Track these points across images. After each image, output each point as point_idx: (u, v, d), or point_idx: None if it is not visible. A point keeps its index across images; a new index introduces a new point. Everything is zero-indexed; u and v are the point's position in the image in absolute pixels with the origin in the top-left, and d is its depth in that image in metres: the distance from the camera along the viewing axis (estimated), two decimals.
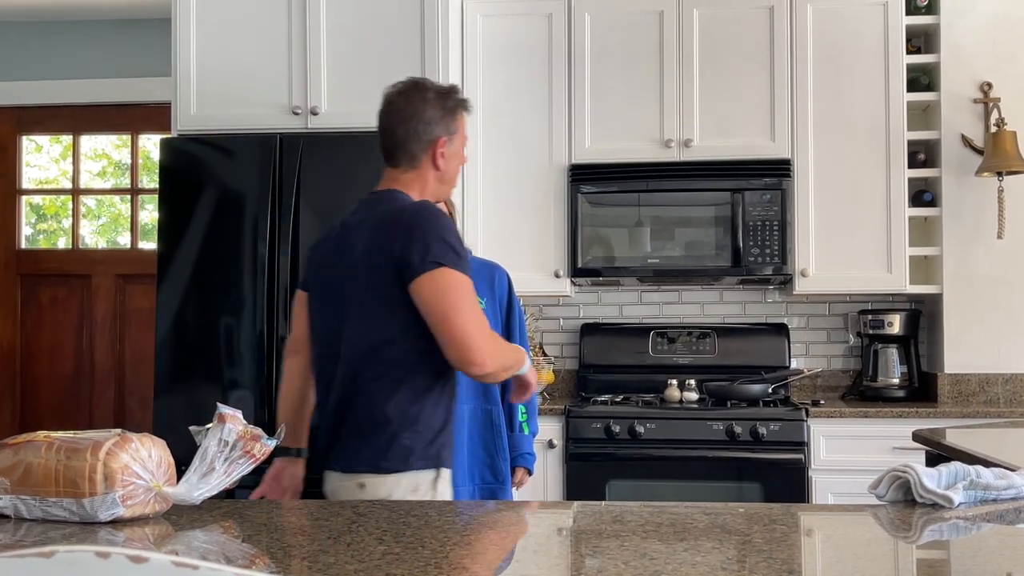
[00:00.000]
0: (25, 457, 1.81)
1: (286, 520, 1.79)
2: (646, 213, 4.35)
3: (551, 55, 4.46)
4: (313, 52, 4.17)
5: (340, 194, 3.93)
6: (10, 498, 1.81)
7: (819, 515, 1.91)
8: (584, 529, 1.71)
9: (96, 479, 1.74)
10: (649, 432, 4.03)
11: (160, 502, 1.80)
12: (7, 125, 5.29)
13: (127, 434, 1.81)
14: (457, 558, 1.51)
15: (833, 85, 4.36)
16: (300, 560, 1.48)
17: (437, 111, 2.48)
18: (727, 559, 1.48)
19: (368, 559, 1.49)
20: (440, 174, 2.50)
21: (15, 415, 5.22)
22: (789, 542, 1.60)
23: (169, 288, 4.01)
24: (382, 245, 2.33)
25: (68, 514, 1.77)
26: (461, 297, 2.27)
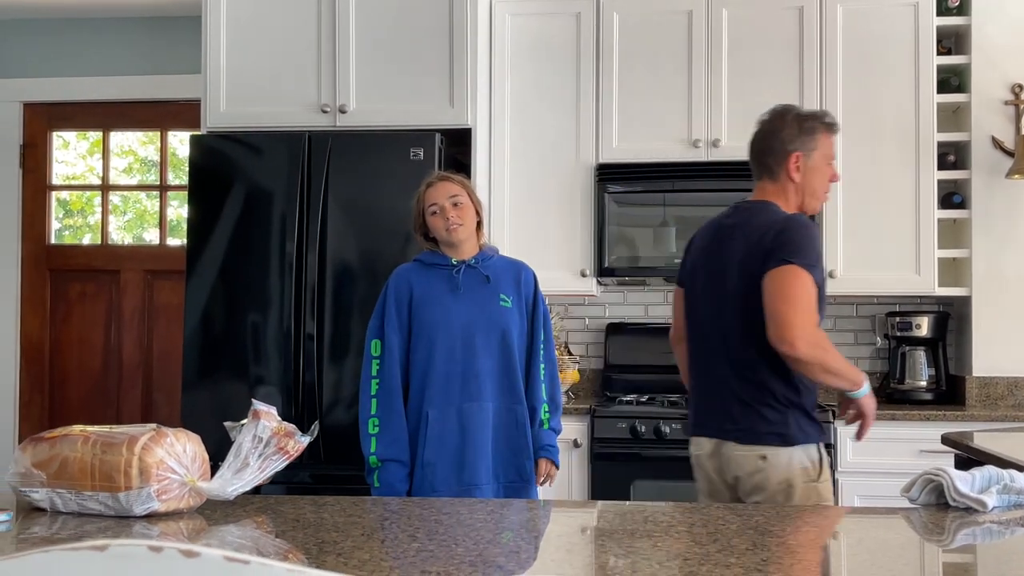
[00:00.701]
0: (61, 451, 1.82)
1: (319, 516, 1.80)
2: (673, 213, 4.34)
3: (579, 54, 4.46)
4: (342, 50, 4.19)
5: (368, 192, 3.94)
6: (46, 491, 1.83)
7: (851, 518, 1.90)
8: (616, 529, 1.72)
9: (132, 473, 1.76)
10: (675, 432, 4.02)
11: (194, 497, 1.82)
12: (38, 121, 5.33)
13: (162, 429, 1.82)
14: (491, 556, 1.52)
15: (863, 86, 4.33)
16: (335, 556, 1.49)
17: (793, 129, 2.79)
18: (761, 561, 1.47)
19: (403, 556, 1.50)
20: (798, 186, 2.79)
21: (43, 409, 5.26)
22: (822, 544, 1.60)
23: (197, 284, 4.03)
24: (757, 249, 2.67)
25: (104, 508, 1.79)
26: (797, 290, 2.57)
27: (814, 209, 2.86)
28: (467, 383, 3.04)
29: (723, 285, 2.75)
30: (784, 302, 2.55)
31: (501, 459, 3.08)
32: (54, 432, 1.88)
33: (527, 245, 4.36)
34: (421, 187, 3.18)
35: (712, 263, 2.81)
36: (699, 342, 2.88)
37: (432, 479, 3.01)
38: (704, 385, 2.87)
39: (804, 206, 2.81)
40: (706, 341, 2.83)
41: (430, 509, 1.87)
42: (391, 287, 3.13)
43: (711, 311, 2.80)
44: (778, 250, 2.59)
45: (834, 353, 2.65)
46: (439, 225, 3.08)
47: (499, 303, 3.10)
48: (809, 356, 2.56)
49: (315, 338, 3.92)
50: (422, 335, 3.06)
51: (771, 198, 2.79)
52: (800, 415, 2.68)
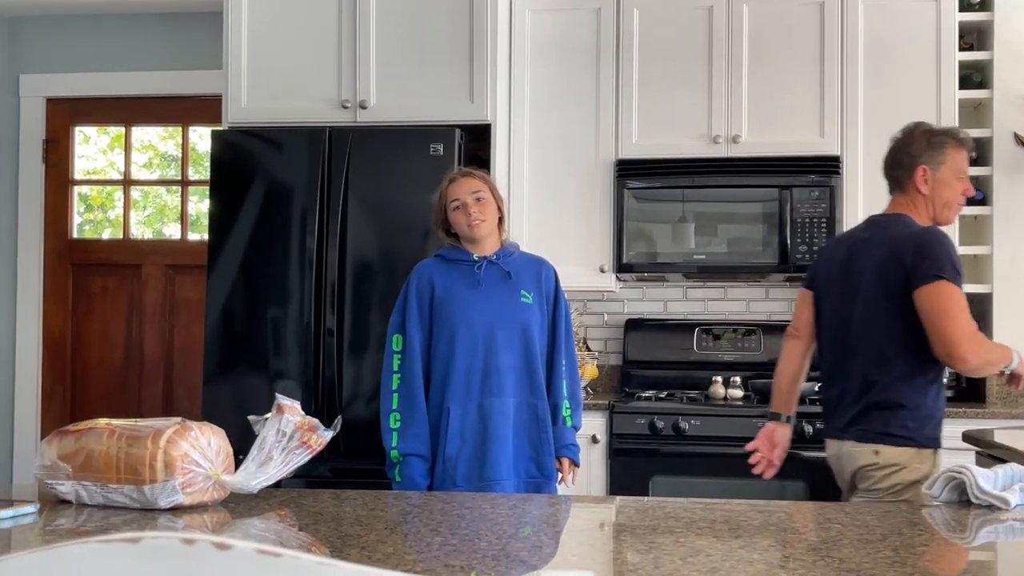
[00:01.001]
0: (87, 444, 1.84)
1: (341, 510, 1.81)
2: (691, 209, 4.34)
3: (599, 50, 4.46)
4: (363, 46, 4.20)
5: (388, 188, 3.95)
6: (72, 484, 1.85)
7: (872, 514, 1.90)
8: (637, 525, 1.72)
9: (156, 466, 1.77)
10: (693, 428, 4.02)
11: (218, 490, 1.83)
12: (61, 116, 5.36)
13: (187, 423, 1.83)
14: (514, 551, 1.53)
15: (884, 81, 4.32)
16: (359, 549, 1.50)
17: (922, 144, 2.97)
18: (784, 557, 1.48)
19: (426, 550, 1.51)
20: (927, 199, 2.95)
21: (65, 403, 5.30)
22: (845, 541, 1.60)
23: (219, 279, 4.05)
24: (896, 260, 2.83)
25: (129, 500, 1.80)
26: (953, 304, 2.74)
27: (947, 220, 3.00)
28: (488, 379, 3.05)
29: (858, 294, 2.93)
30: (945, 319, 2.73)
31: (522, 455, 3.09)
32: (80, 425, 1.90)
33: (546, 241, 4.36)
34: (443, 182, 3.18)
35: (847, 274, 2.99)
36: (831, 349, 3.06)
37: (453, 474, 3.02)
38: (835, 388, 3.03)
39: (937, 218, 2.96)
40: (838, 348, 3.01)
41: (452, 503, 1.88)
42: (412, 282, 3.14)
43: (844, 320, 2.98)
44: (923, 267, 2.76)
45: (990, 346, 2.88)
46: (461, 221, 3.09)
47: (520, 299, 3.11)
48: (977, 363, 2.79)
49: (335, 333, 3.94)
50: (443, 331, 3.07)
51: (903, 211, 2.96)
52: (923, 418, 2.86)
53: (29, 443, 5.24)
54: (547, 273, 3.22)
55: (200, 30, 5.14)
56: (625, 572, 1.38)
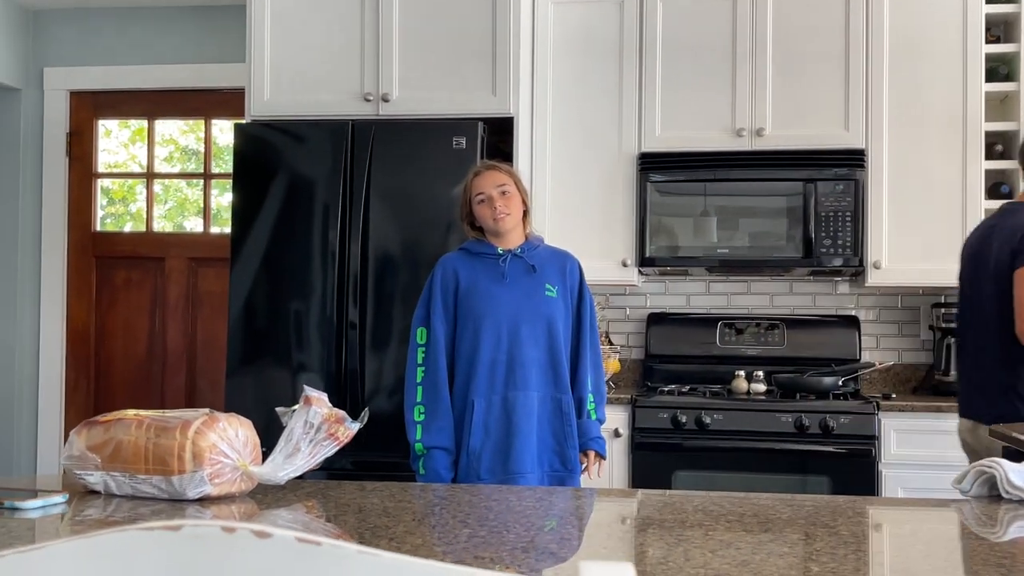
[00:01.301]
0: (116, 435, 1.85)
1: (369, 501, 1.81)
2: (715, 203, 4.32)
3: (622, 43, 4.44)
4: (385, 39, 4.19)
5: (411, 181, 3.95)
6: (101, 474, 1.85)
7: (902, 509, 1.89)
8: (666, 518, 1.71)
9: (185, 457, 1.77)
10: (716, 423, 4.01)
11: (246, 481, 1.83)
12: (85, 109, 5.39)
13: (215, 414, 1.84)
14: (543, 543, 1.52)
15: (909, 74, 4.29)
16: (387, 541, 1.50)
17: None
18: (815, 551, 1.47)
19: (455, 542, 1.51)
20: None
21: (89, 394, 5.32)
22: (877, 536, 1.59)
23: (241, 272, 4.06)
24: (1008, 247, 3.14)
25: (157, 491, 1.81)
26: None
27: None
28: (512, 372, 3.04)
29: (983, 282, 3.23)
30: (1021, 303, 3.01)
31: (546, 448, 3.09)
32: (108, 416, 1.91)
33: (568, 234, 4.35)
34: (468, 176, 3.18)
35: (976, 261, 3.30)
36: (964, 334, 3.38)
37: (477, 467, 3.02)
38: (968, 371, 3.35)
39: None
40: (969, 333, 3.33)
41: (479, 496, 1.88)
42: (437, 275, 3.14)
43: (974, 306, 3.29)
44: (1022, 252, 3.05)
45: None
46: (486, 214, 3.09)
47: (545, 293, 3.11)
48: None
49: (357, 326, 3.94)
50: (468, 324, 3.07)
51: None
52: None
53: (53, 434, 5.28)
54: (572, 266, 3.22)
55: (223, 23, 5.15)
56: (656, 565, 1.37)
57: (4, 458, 5.26)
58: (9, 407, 5.28)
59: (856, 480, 3.90)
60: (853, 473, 3.91)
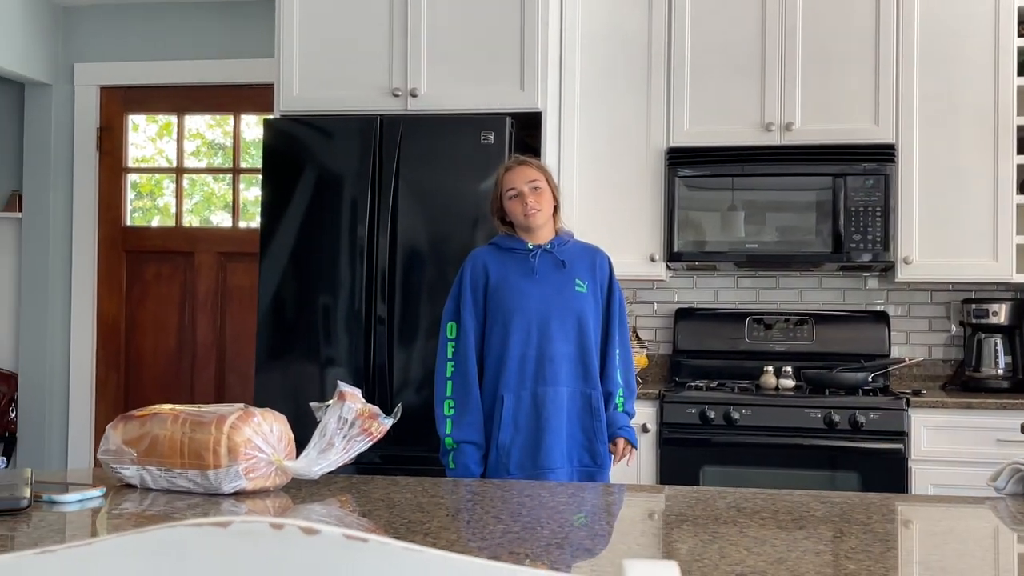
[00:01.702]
0: (151, 429, 1.86)
1: (402, 496, 1.82)
2: (743, 197, 4.30)
3: (651, 37, 4.43)
4: (413, 34, 4.20)
5: (439, 176, 3.96)
6: (136, 468, 1.87)
7: (936, 507, 1.88)
8: (699, 515, 1.71)
9: (220, 452, 1.79)
10: (745, 419, 4.00)
11: (280, 475, 1.85)
12: (115, 105, 5.42)
13: (250, 408, 1.85)
14: (577, 538, 1.53)
15: (940, 68, 4.26)
16: (422, 536, 1.50)
17: None
18: (851, 548, 1.46)
19: (489, 537, 1.51)
20: None
21: (120, 388, 5.37)
22: (911, 533, 1.58)
23: (271, 266, 4.08)
24: None
25: (192, 485, 1.82)
26: None
27: None
28: (542, 367, 3.05)
29: None
30: None
31: (575, 443, 3.10)
32: (144, 410, 1.92)
33: (596, 229, 4.35)
34: (500, 171, 3.18)
35: None
36: None
37: (507, 462, 3.03)
38: None
39: None
40: None
41: (510, 491, 1.88)
42: (467, 270, 3.14)
43: None
44: None
45: None
46: (517, 209, 3.09)
47: (575, 288, 3.11)
48: None
49: (386, 321, 3.96)
50: (498, 319, 3.08)
51: None
52: None
53: (84, 428, 5.32)
54: (601, 262, 3.22)
55: (252, 19, 5.17)
56: (691, 562, 1.37)
57: (35, 452, 5.31)
58: (40, 401, 5.33)
59: (886, 477, 3.88)
60: (882, 469, 3.89)
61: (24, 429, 5.34)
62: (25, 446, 5.33)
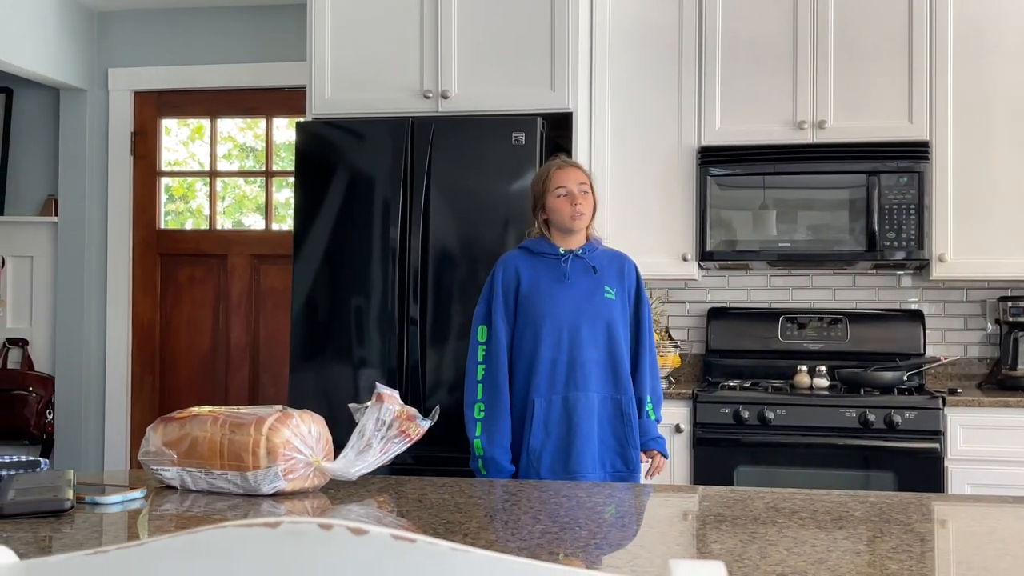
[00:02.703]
0: (191, 431, 1.88)
1: (440, 497, 1.82)
2: (775, 196, 4.29)
3: (681, 36, 4.42)
4: (444, 36, 4.21)
5: (470, 177, 3.97)
6: (177, 470, 1.89)
7: (977, 506, 1.86)
8: (738, 515, 1.71)
9: (259, 453, 1.80)
10: (779, 418, 3.98)
11: (319, 476, 1.86)
12: (148, 109, 5.47)
13: (288, 410, 1.86)
14: (616, 539, 1.53)
15: (974, 65, 4.22)
16: (461, 537, 1.51)
17: None
18: (892, 549, 1.46)
19: (528, 537, 1.52)
20: None
21: (155, 390, 5.41)
22: (951, 533, 1.57)
23: (304, 268, 4.10)
24: None
25: (232, 486, 1.84)
26: None
27: None
28: (573, 373, 3.05)
29: None
30: None
31: (607, 448, 3.10)
32: (184, 412, 1.94)
33: (628, 229, 4.35)
34: (548, 168, 3.18)
35: None
36: None
37: (538, 467, 3.04)
38: None
39: None
40: None
41: (548, 491, 1.89)
42: (499, 273, 3.14)
43: None
44: None
45: None
46: (565, 209, 3.08)
47: (604, 294, 3.11)
48: None
49: (418, 322, 3.97)
50: (529, 324, 3.08)
51: None
52: None
53: (120, 430, 5.37)
54: (629, 268, 3.22)
55: (284, 22, 5.20)
56: (732, 563, 1.37)
57: (72, 453, 5.36)
58: (77, 403, 5.38)
59: (921, 476, 3.85)
60: (918, 469, 3.86)
61: (61, 431, 5.39)
62: (62, 448, 5.39)
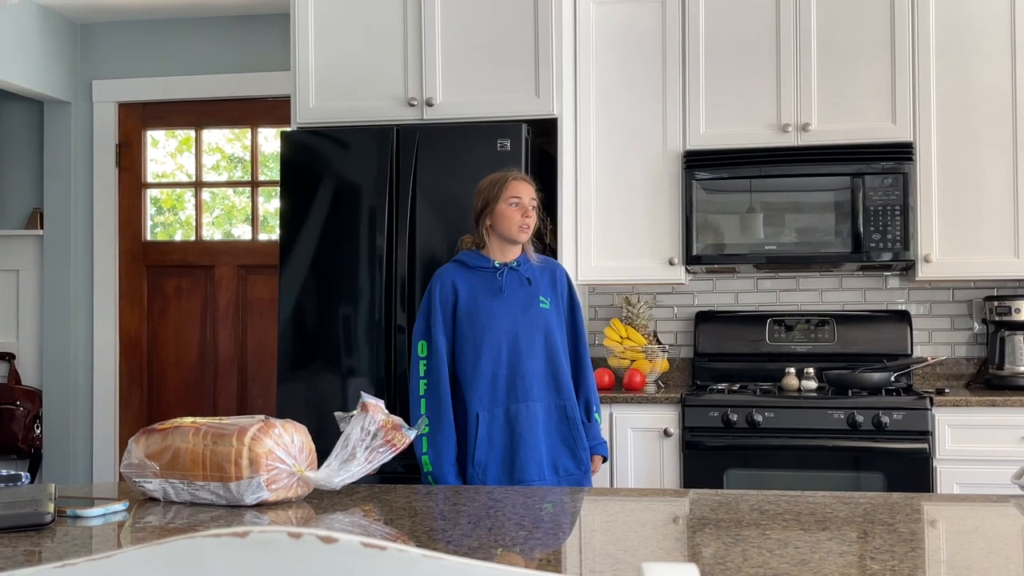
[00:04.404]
0: (173, 442, 1.87)
1: (424, 505, 1.82)
2: (761, 199, 4.29)
3: (665, 41, 4.43)
4: (428, 43, 4.21)
5: (456, 184, 3.96)
6: (159, 481, 1.88)
7: (960, 505, 1.86)
8: (722, 518, 1.71)
9: (242, 463, 1.79)
10: (768, 421, 3.98)
11: (302, 486, 1.85)
12: (133, 120, 5.46)
13: (270, 420, 1.86)
14: (600, 544, 1.52)
15: (957, 65, 4.23)
16: (444, 544, 1.50)
17: None
18: (874, 549, 1.46)
19: (511, 543, 1.51)
20: None
21: (143, 402, 5.40)
22: (935, 532, 1.57)
23: (290, 278, 4.09)
24: None
25: (215, 497, 1.83)
26: None
27: None
28: (513, 385, 3.10)
29: None
30: None
31: (558, 454, 3.17)
32: (166, 424, 1.93)
33: (614, 234, 4.35)
34: (505, 176, 3.22)
35: None
36: None
37: (483, 477, 3.08)
38: None
39: None
40: None
41: (533, 497, 1.88)
42: (436, 289, 3.18)
43: None
44: None
45: None
46: (514, 218, 3.13)
47: (539, 305, 3.16)
48: None
49: (406, 330, 3.96)
50: (468, 338, 3.12)
51: None
52: None
53: (108, 442, 5.35)
54: (560, 275, 3.30)
55: (268, 32, 5.20)
56: (715, 565, 1.37)
57: (61, 466, 5.34)
58: (65, 416, 5.36)
59: (910, 476, 3.85)
60: (907, 469, 3.86)
61: (49, 445, 5.37)
62: (51, 462, 5.37)
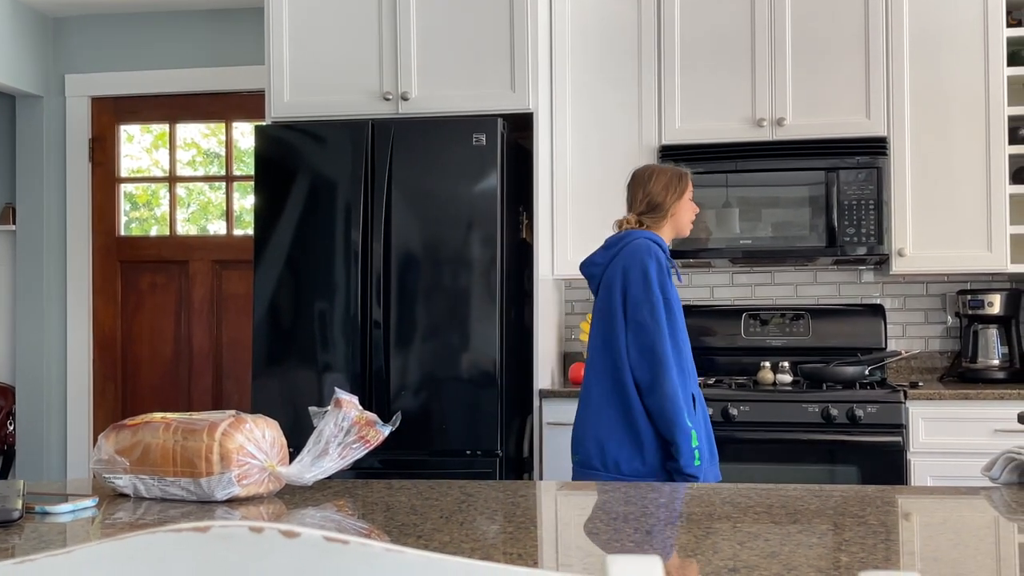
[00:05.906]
0: (143, 438, 1.86)
1: (396, 500, 1.81)
2: (737, 194, 4.30)
3: (640, 35, 4.43)
4: (403, 37, 4.20)
5: (432, 179, 3.96)
6: (129, 477, 1.86)
7: (931, 498, 1.88)
8: (693, 511, 1.71)
9: (212, 459, 1.78)
10: (743, 415, 3.99)
11: (273, 482, 1.84)
12: (106, 115, 5.42)
13: (241, 415, 1.85)
14: (571, 538, 1.52)
15: (930, 60, 4.26)
16: (415, 539, 1.50)
17: None
18: (844, 541, 1.46)
19: (482, 538, 1.51)
20: None
21: (117, 398, 5.36)
22: (906, 524, 1.58)
23: (265, 272, 4.07)
24: None
25: (185, 493, 1.82)
26: None
27: None
28: None
29: None
30: None
31: None
32: (136, 419, 1.92)
33: (590, 228, 4.35)
34: (686, 174, 3.21)
35: None
36: None
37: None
38: None
39: None
40: None
41: (506, 491, 1.88)
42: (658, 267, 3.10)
43: None
44: None
45: None
46: (691, 218, 3.21)
47: None
48: None
49: (382, 325, 3.95)
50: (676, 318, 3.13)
51: None
52: None
53: (82, 438, 5.32)
54: None
55: (242, 26, 5.17)
56: (685, 557, 1.37)
57: (34, 462, 5.31)
58: (38, 412, 5.33)
59: (885, 469, 3.88)
60: (882, 463, 3.89)
61: (22, 442, 5.34)
62: (24, 459, 5.33)
